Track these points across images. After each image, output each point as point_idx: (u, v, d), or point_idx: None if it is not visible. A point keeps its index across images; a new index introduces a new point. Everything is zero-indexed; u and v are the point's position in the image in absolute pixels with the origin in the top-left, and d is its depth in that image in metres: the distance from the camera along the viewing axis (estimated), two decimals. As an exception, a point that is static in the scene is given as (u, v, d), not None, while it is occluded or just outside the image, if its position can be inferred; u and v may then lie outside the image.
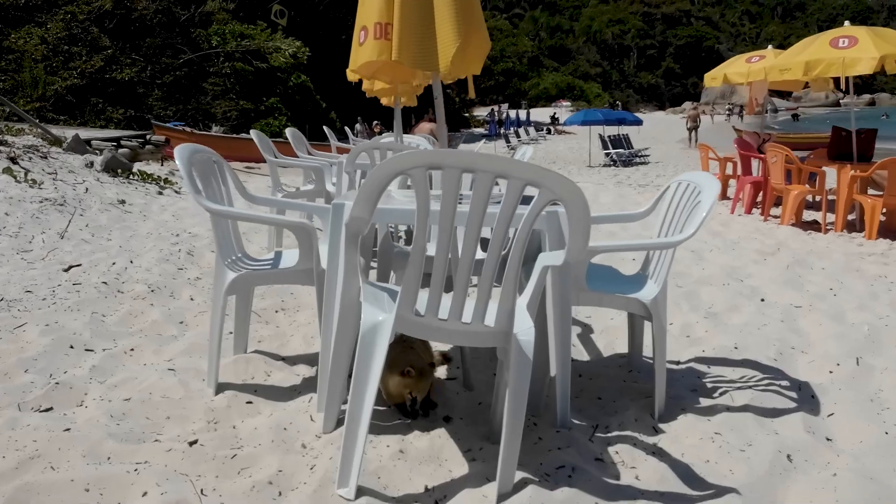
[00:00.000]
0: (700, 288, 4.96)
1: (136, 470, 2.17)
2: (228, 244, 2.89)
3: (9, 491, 2.04)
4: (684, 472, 2.38)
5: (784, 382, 3.20)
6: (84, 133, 13.96)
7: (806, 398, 3.02)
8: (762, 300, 4.71)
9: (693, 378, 3.25)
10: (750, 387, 3.13)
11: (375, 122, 22.33)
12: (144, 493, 2.06)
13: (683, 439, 2.64)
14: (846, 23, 8.27)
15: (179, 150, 2.70)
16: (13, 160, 8.77)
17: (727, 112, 58.85)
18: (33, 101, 17.85)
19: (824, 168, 8.07)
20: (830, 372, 3.32)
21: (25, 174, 8.18)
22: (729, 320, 4.26)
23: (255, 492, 2.07)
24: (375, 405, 2.08)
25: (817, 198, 9.10)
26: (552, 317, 2.60)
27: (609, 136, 21.49)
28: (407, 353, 2.56)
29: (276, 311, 4.16)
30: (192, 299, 4.34)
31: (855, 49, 7.38)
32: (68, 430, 2.43)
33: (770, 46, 10.68)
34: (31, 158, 9.35)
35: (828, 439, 2.65)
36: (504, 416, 2.07)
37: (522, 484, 2.16)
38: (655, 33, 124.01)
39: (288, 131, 6.94)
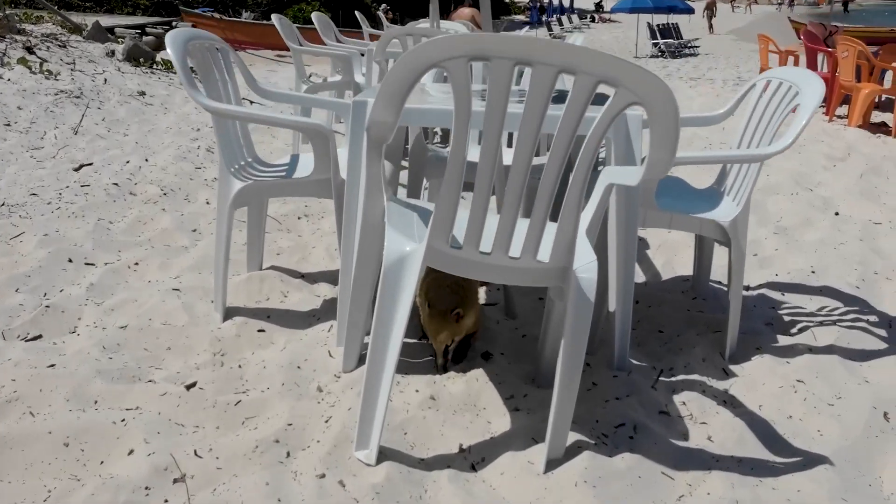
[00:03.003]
0: (766, 198, 4.47)
1: (123, 420, 1.86)
2: (234, 148, 2.48)
3: (-23, 441, 1.75)
4: (764, 431, 2.01)
5: (872, 317, 2.78)
6: (106, 20, 13.40)
7: (900, 337, 2.61)
8: (836, 214, 4.21)
9: (767, 309, 2.84)
10: (834, 322, 2.71)
11: (385, 6, 20.30)
12: (130, 452, 1.76)
13: (760, 386, 2.26)
14: None
15: (171, 37, 2.26)
16: (29, 49, 8.34)
17: (777, 2, 55.57)
18: (56, -15, 17.18)
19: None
20: (927, 304, 2.88)
21: (41, 64, 7.77)
22: (801, 237, 3.80)
23: (258, 453, 1.75)
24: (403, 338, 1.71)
25: (883, 97, 8.33)
26: (614, 242, 2.18)
27: (658, 25, 20.20)
28: (450, 285, 2.17)
29: (299, 218, 3.80)
30: (207, 203, 3.99)
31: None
32: (53, 365, 2.12)
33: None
34: (48, 48, 8.90)
35: (934, 391, 2.25)
36: (557, 372, 1.70)
37: (576, 449, 1.81)
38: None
39: (314, 16, 6.36)
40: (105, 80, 8.11)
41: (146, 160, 4.92)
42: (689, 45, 20.39)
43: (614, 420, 1.96)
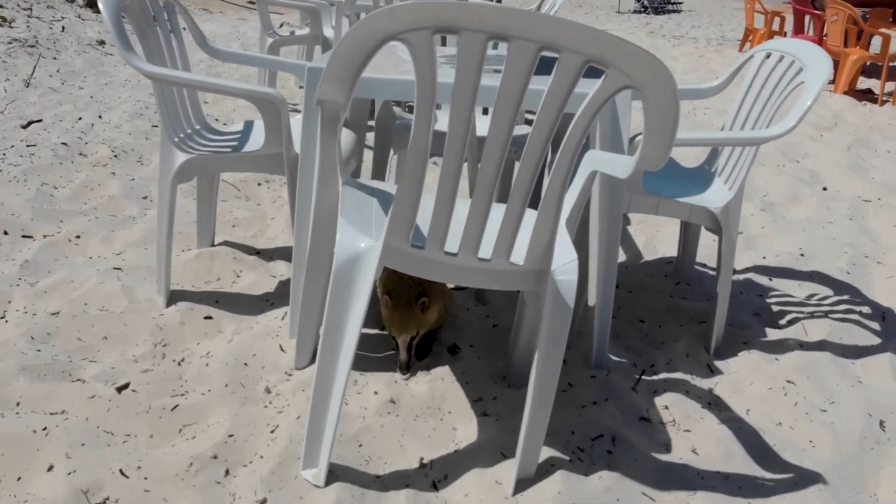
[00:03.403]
0: (753, 170, 4.29)
1: (45, 429, 1.65)
2: (178, 114, 2.23)
3: None
4: (753, 442, 1.85)
5: (864, 308, 2.63)
6: (69, -40, 12.72)
7: (891, 331, 2.46)
8: (824, 189, 4.05)
9: (754, 297, 2.67)
10: (825, 314, 2.55)
11: None
12: (50, 468, 1.55)
13: (747, 387, 2.11)
14: None
15: (103, -12, 1.99)
16: (-20, -9, 7.86)
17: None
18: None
19: (884, 31, 7.10)
20: (921, 294, 2.74)
21: (-7, 8, 7.31)
22: (788, 213, 3.63)
23: (192, 472, 1.55)
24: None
25: (868, 63, 8.17)
26: (596, 230, 1.99)
27: (641, -19, 19.81)
28: (412, 280, 1.98)
29: (259, 184, 3.56)
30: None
31: None
32: (-31, 359, 1.90)
33: None
34: (2, -10, 8.41)
35: (930, 394, 2.11)
36: (530, 385, 1.51)
37: (548, 467, 1.64)
38: None
39: (283, -36, 5.98)
40: (63, 27, 7.68)
41: (99, 117, 4.62)
42: (673, 1, 20.03)
43: (591, 430, 1.79)
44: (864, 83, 8.09)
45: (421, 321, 1.94)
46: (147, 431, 1.70)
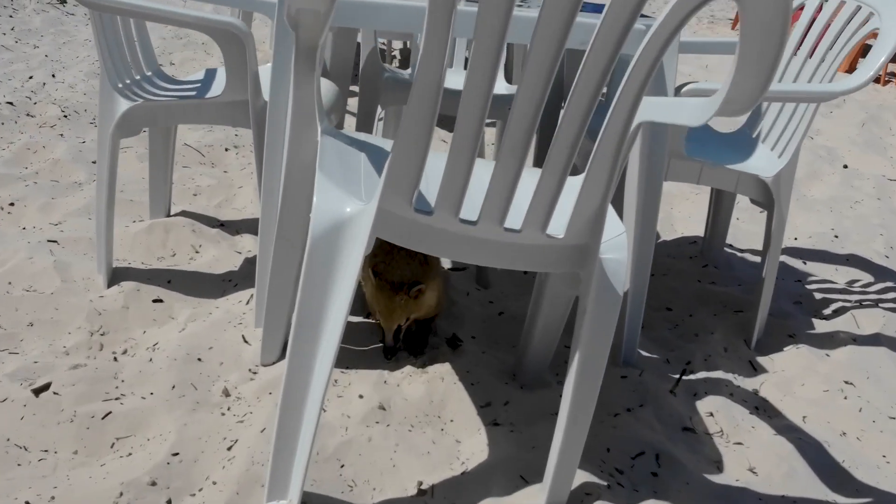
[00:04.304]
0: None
1: (-66, 443, 1.28)
2: (125, 55, 1.84)
3: None
4: (817, 458, 1.53)
5: (915, 295, 2.32)
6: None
7: (955, 323, 2.15)
8: (845, 167, 3.74)
9: (792, 282, 2.35)
10: (875, 303, 2.24)
11: None
12: (-67, 497, 1.18)
13: (798, 388, 1.79)
14: None
15: None
16: (-70, -58, 7.27)
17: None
18: None
19: None
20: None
21: (-58, -40, 6.76)
22: (811, 192, 3.32)
23: (120, 505, 1.19)
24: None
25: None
26: (633, 201, 1.64)
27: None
28: (405, 262, 1.63)
29: (227, 150, 3.16)
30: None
31: None
32: None
33: None
34: (-45, -58, 7.82)
35: None
36: (565, 397, 1.17)
37: (583, 496, 1.30)
38: None
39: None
40: (20, -17, 7.15)
41: (53, 75, 4.17)
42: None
43: (630, 447, 1.45)
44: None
45: (411, 308, 1.60)
46: (71, 446, 1.33)
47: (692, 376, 1.77)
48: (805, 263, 2.52)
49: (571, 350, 1.18)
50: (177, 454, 1.30)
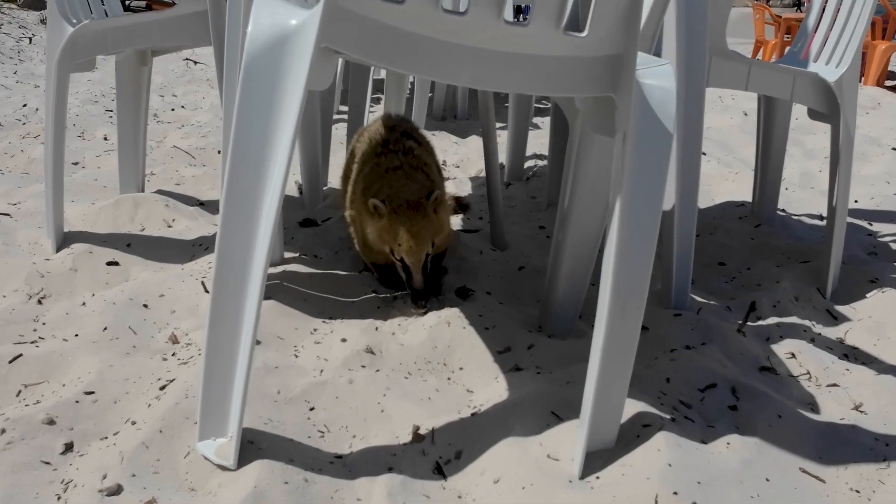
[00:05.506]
0: (803, 137, 3.66)
1: None
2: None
3: None
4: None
5: None
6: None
7: None
8: (894, 149, 3.41)
9: (863, 236, 2.01)
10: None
11: None
12: None
13: (894, 332, 1.43)
14: None
15: None
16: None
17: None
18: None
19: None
20: None
21: (-46, 21, 6.82)
22: (861, 171, 2.99)
23: (12, 446, 0.87)
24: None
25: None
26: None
27: None
28: (399, 167, 1.36)
29: (219, 152, 2.90)
30: (106, 139, 3.10)
31: None
32: None
33: None
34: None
35: None
36: (606, 288, 0.84)
37: (639, 428, 0.95)
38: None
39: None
40: (30, 39, 7.19)
41: (46, 103, 4.01)
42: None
43: (696, 378, 1.11)
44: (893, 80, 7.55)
45: (434, 228, 1.32)
46: (-35, 399, 1.02)
47: (762, 322, 1.43)
48: (870, 224, 2.17)
49: (609, 213, 0.86)
50: (91, 393, 0.98)
